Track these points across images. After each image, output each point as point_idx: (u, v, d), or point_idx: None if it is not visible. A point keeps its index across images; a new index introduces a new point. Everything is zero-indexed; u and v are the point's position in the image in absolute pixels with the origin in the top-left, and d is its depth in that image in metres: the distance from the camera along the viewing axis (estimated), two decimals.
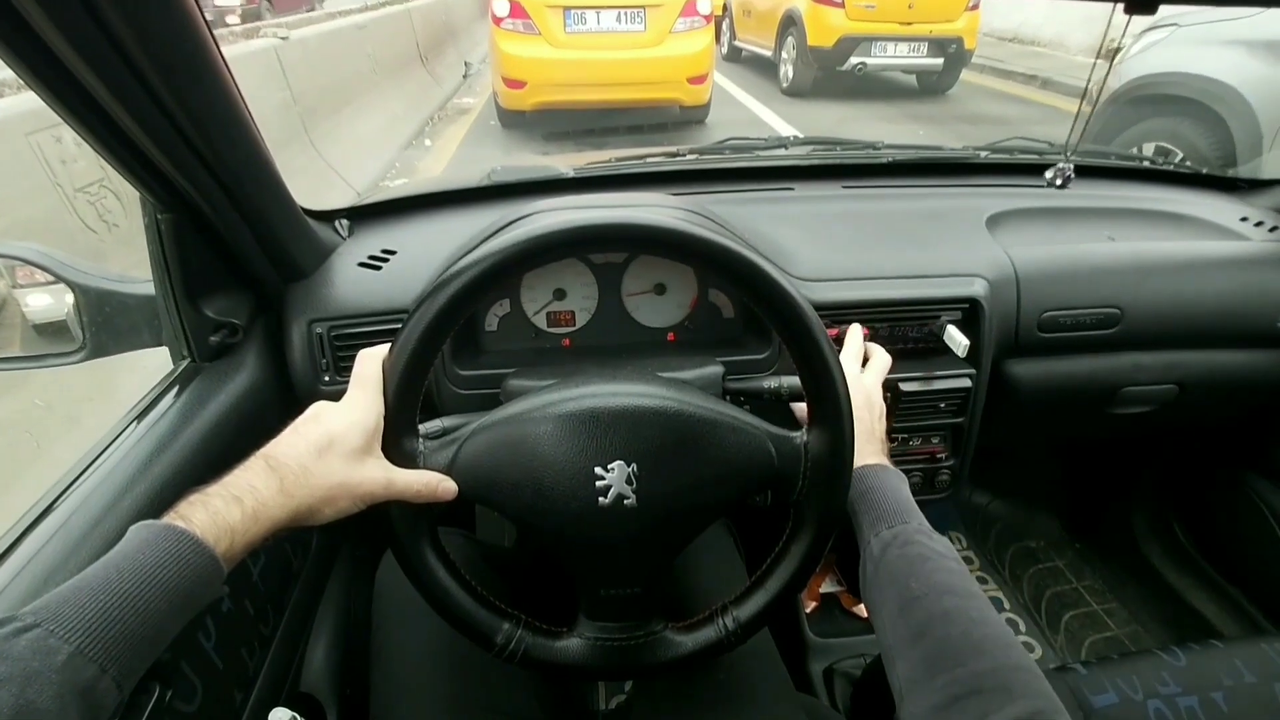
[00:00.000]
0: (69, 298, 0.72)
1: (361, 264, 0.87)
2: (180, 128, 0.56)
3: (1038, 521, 1.62)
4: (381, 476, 0.52)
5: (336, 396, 0.55)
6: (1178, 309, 0.99)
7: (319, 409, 0.54)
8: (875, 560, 0.57)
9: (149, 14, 0.49)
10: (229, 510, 0.44)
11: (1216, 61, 2.66)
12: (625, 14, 4.64)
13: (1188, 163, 2.70)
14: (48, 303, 0.75)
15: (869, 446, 0.65)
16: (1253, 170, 2.43)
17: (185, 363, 0.76)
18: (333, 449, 0.50)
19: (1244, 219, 1.10)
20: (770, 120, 5.59)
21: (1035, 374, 0.99)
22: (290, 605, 0.86)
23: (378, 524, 0.56)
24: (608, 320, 0.90)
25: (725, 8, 8.12)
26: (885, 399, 0.90)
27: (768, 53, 7.04)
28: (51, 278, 0.70)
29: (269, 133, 0.67)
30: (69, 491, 0.57)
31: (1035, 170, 1.16)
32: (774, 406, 0.83)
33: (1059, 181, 0.74)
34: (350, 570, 1.01)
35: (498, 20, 4.61)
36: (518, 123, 5.06)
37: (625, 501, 0.56)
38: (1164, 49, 2.91)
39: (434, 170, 4.43)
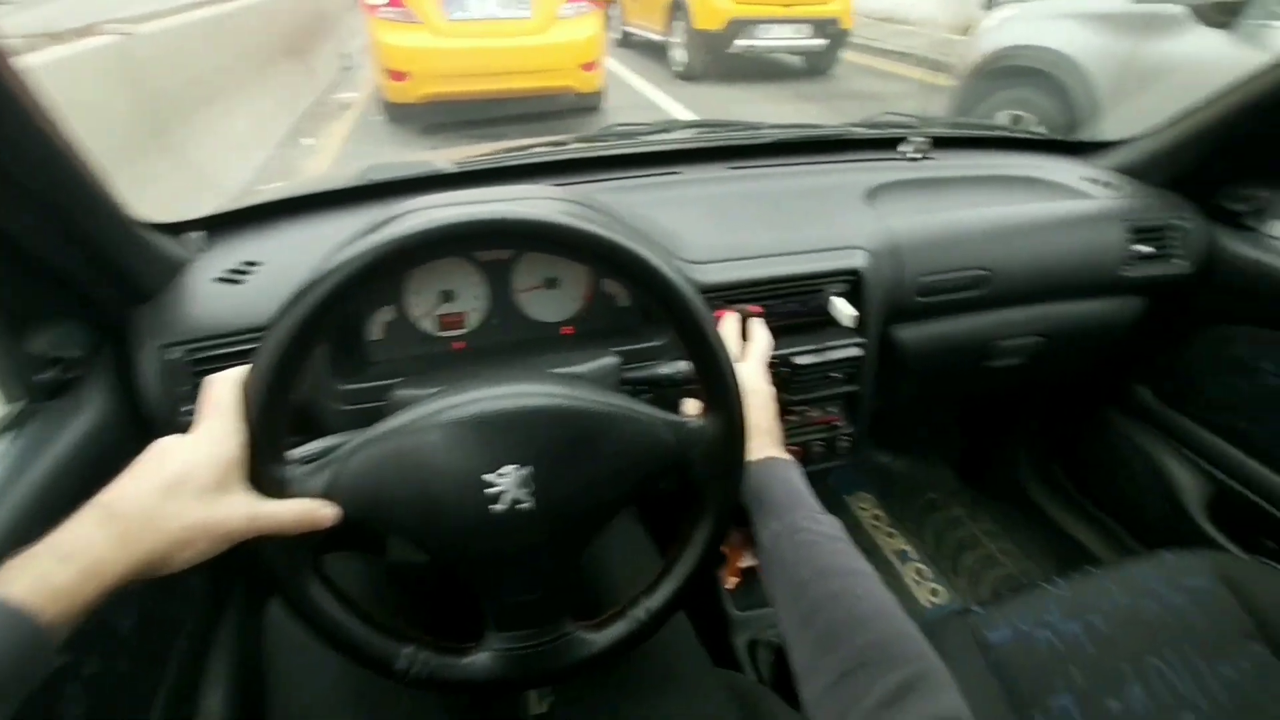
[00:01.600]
0: None
1: (219, 279, 0.80)
2: None
3: (936, 474, 1.73)
4: (244, 511, 0.47)
5: None
6: (1037, 266, 1.06)
7: (164, 445, 0.48)
8: (768, 553, 0.59)
9: None
10: (57, 571, 0.39)
11: (1057, 34, 2.92)
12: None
13: (1040, 128, 2.94)
14: None
15: (757, 439, 0.66)
16: (1094, 133, 2.68)
17: (21, 404, 0.66)
18: (183, 488, 0.45)
19: (1087, 178, 1.20)
20: (665, 104, 5.63)
21: (919, 337, 1.04)
22: (174, 659, 0.79)
23: (256, 563, 0.52)
24: (501, 319, 0.87)
25: None
26: (783, 373, 0.93)
27: (658, 37, 7.07)
28: None
29: (121, 139, 0.60)
30: None
31: (905, 144, 1.22)
32: (674, 393, 0.84)
33: (917, 155, 0.77)
34: (244, 613, 0.93)
35: (372, 9, 4.37)
36: (406, 116, 4.83)
37: (521, 506, 0.54)
38: (1014, 24, 3.15)
39: (318, 169, 4.16)
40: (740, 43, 6.20)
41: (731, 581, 1.18)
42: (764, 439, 0.67)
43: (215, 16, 4.55)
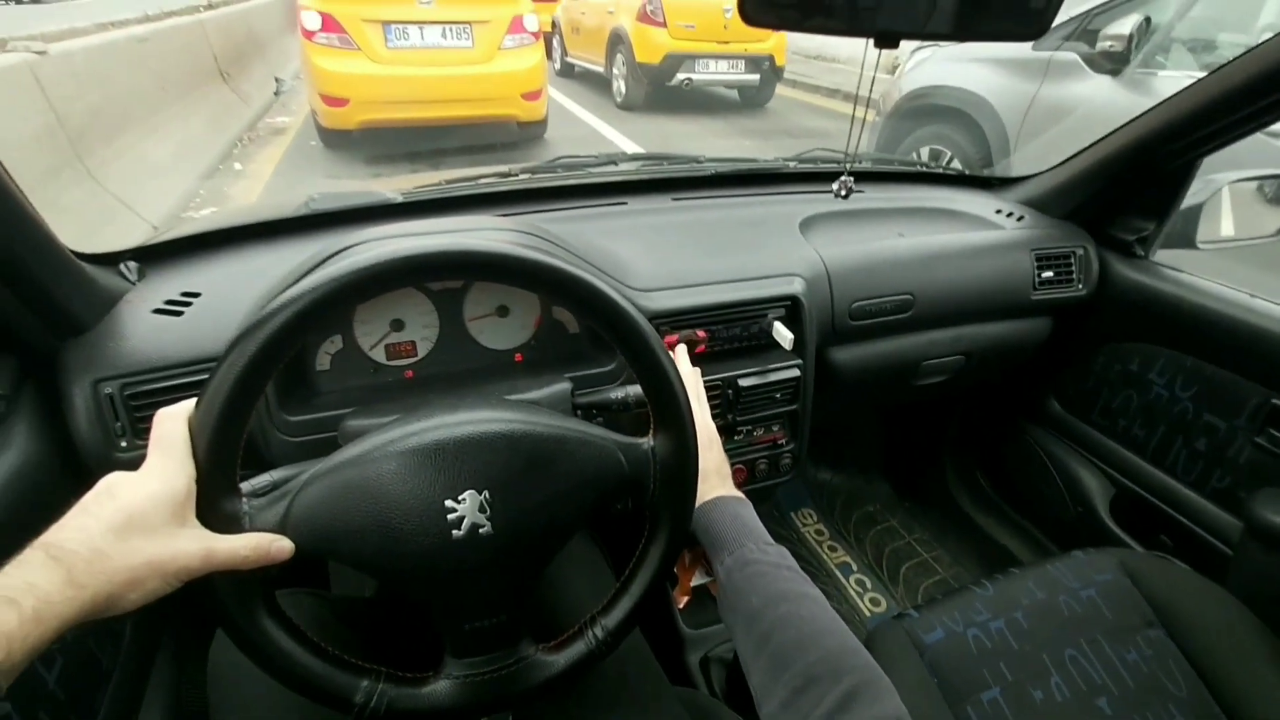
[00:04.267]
0: None
1: (157, 310, 0.78)
2: None
3: (873, 487, 1.81)
4: (197, 548, 0.46)
5: (136, 464, 0.49)
6: (956, 291, 1.15)
7: (113, 481, 0.47)
8: (723, 585, 0.62)
9: None
10: (2, 615, 0.37)
11: (969, 75, 3.16)
12: (450, 29, 4.53)
13: (955, 163, 3.16)
14: None
15: (709, 482, 0.69)
16: (1004, 168, 2.91)
17: None
18: (133, 526, 0.44)
19: (998, 211, 1.31)
20: (609, 134, 5.74)
21: (852, 357, 1.11)
22: (103, 710, 0.74)
23: (205, 600, 0.50)
24: (451, 347, 0.88)
25: (554, 24, 8.22)
26: (729, 395, 0.97)
27: (599, 69, 7.23)
28: None
29: (30, 163, 0.58)
30: None
31: (835, 177, 1.30)
32: (626, 416, 0.86)
33: (843, 193, 0.84)
34: (177, 659, 0.89)
35: (309, 34, 4.29)
36: (342, 143, 4.75)
37: (481, 530, 0.55)
38: (930, 66, 3.40)
39: (248, 197, 4.02)
40: (679, 76, 6.42)
41: (683, 600, 1.20)
42: (713, 479, 0.70)
43: (139, 36, 4.38)
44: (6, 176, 0.58)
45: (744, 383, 0.97)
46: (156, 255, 0.87)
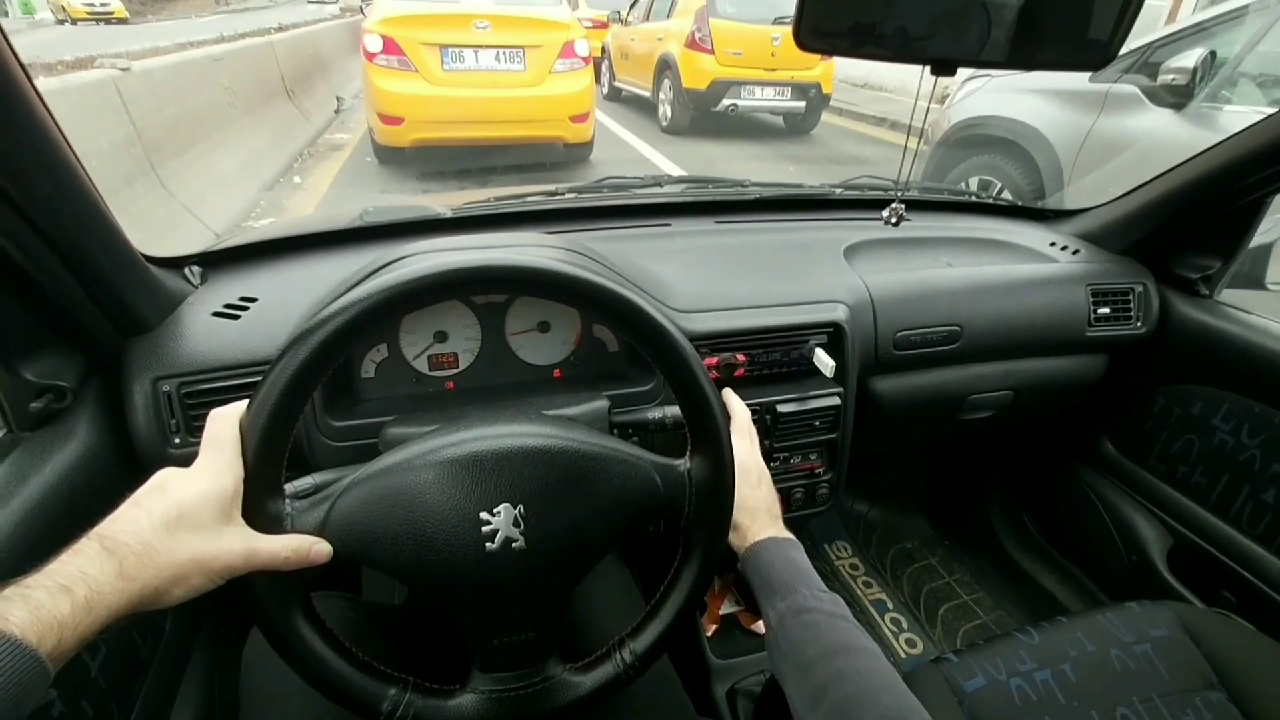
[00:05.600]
0: None
1: (216, 313, 0.81)
2: None
3: (911, 523, 1.75)
4: (241, 547, 0.47)
5: (188, 460, 0.50)
6: (1006, 324, 1.12)
7: (165, 477, 0.48)
8: (775, 632, 0.61)
9: None
10: (55, 602, 0.38)
11: (1022, 106, 3.11)
12: (504, 54, 4.67)
13: (1005, 194, 3.10)
14: None
15: (759, 521, 0.68)
16: (1057, 200, 2.83)
17: (1, 434, 0.66)
18: (183, 522, 0.45)
19: (1052, 244, 1.27)
20: (653, 157, 5.81)
21: (895, 388, 1.08)
22: (140, 700, 0.76)
23: (243, 598, 0.51)
24: (492, 360, 0.89)
25: (604, 50, 8.42)
26: (766, 421, 0.96)
27: (646, 93, 7.35)
28: None
29: (109, 171, 0.62)
30: None
31: (882, 205, 1.28)
32: (661, 436, 0.86)
33: (894, 220, 0.83)
34: (212, 654, 0.91)
35: (370, 56, 4.49)
36: (395, 160, 4.92)
37: (514, 544, 0.55)
38: (982, 96, 3.35)
39: (305, 209, 4.19)
40: (725, 102, 6.48)
41: (711, 629, 1.18)
42: (763, 518, 0.69)
43: (214, 55, 4.65)
44: (89, 182, 0.62)
45: (782, 409, 0.95)
46: (218, 261, 0.90)
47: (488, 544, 0.54)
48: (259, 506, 0.51)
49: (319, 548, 0.51)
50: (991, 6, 0.59)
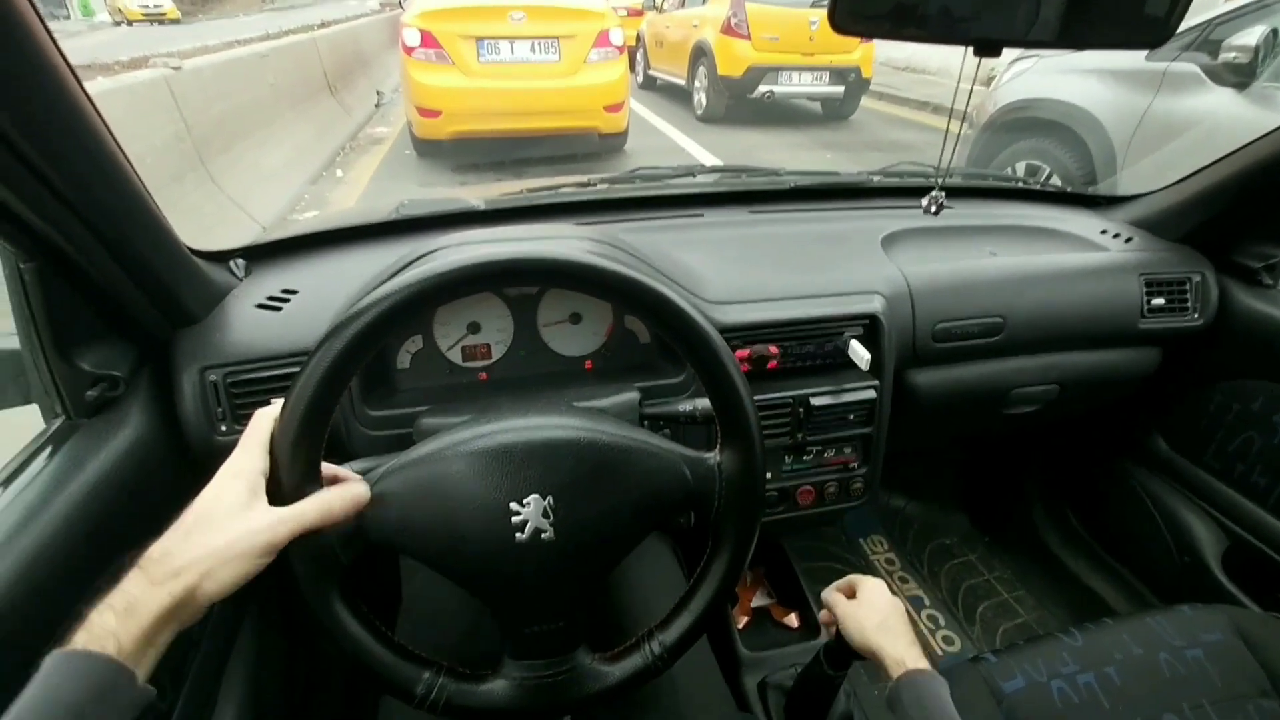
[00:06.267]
0: None
1: (260, 305, 0.83)
2: (39, 172, 0.52)
3: (950, 519, 1.71)
4: (264, 523, 0.49)
5: (232, 447, 0.52)
6: (1052, 316, 1.08)
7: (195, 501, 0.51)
8: None
9: None
10: (101, 617, 0.43)
11: (1073, 87, 2.97)
12: (539, 44, 4.68)
13: (1055, 179, 2.98)
14: None
15: (912, 650, 0.69)
16: (1110, 186, 2.71)
17: (59, 421, 0.70)
18: (198, 525, 0.48)
19: (1103, 231, 1.22)
20: (688, 146, 5.76)
21: (933, 381, 1.05)
22: (190, 675, 0.80)
23: (285, 588, 0.53)
24: (524, 352, 0.90)
25: (638, 38, 8.36)
26: (798, 413, 0.95)
27: (681, 81, 7.28)
28: None
29: (161, 167, 0.64)
30: None
31: (923, 193, 1.25)
32: (691, 429, 0.85)
33: (934, 208, 0.80)
34: (258, 633, 0.94)
35: (409, 50, 4.55)
36: (433, 152, 5.00)
37: (543, 535, 0.55)
38: (1029, 77, 3.22)
39: (347, 202, 4.29)
40: (761, 89, 6.37)
41: (742, 621, 1.17)
42: (916, 650, 0.69)
43: (260, 52, 4.77)
44: (138, 182, 0.64)
45: (816, 402, 0.94)
46: (261, 254, 0.93)
47: (518, 534, 0.55)
48: (298, 493, 0.53)
49: (357, 489, 0.53)
50: None
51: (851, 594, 0.77)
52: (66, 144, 0.55)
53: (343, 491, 0.52)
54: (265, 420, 0.53)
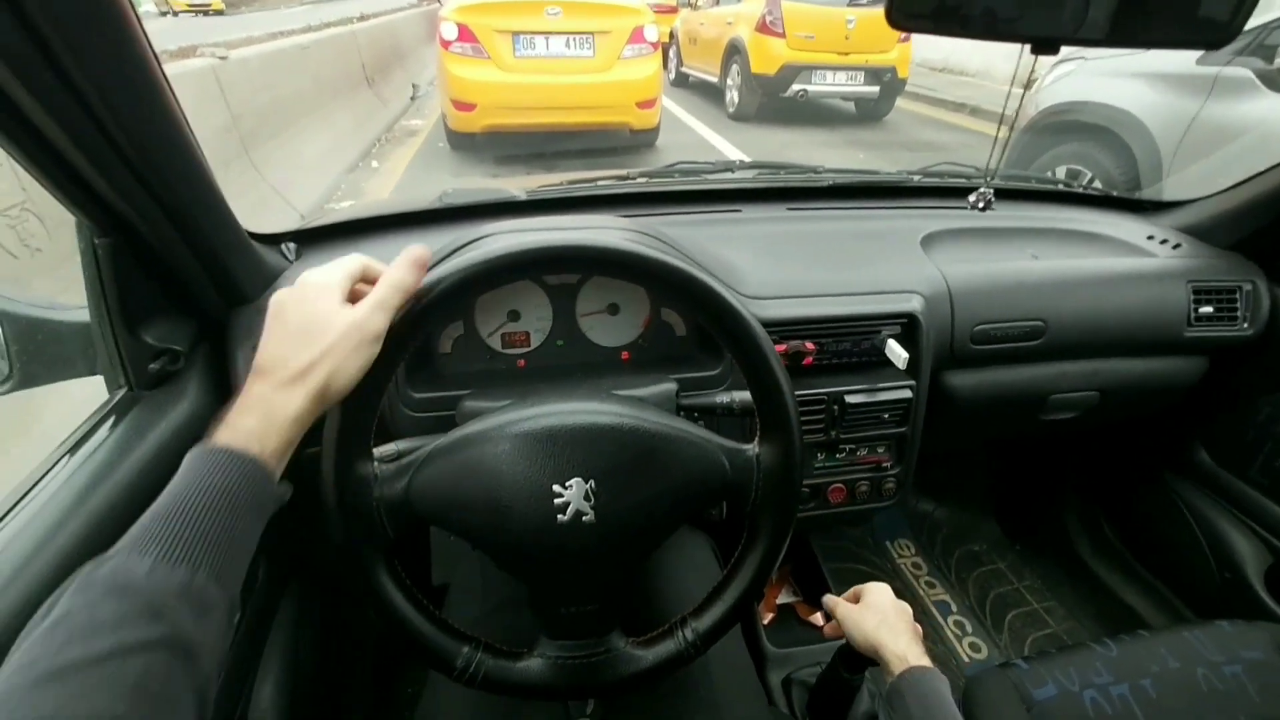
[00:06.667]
0: None
1: None
2: (120, 149, 0.55)
3: (979, 525, 1.69)
4: (367, 306, 0.50)
5: None
6: (1095, 321, 1.06)
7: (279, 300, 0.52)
8: None
9: (87, 32, 0.48)
10: (243, 419, 0.45)
11: (1120, 91, 2.90)
12: (574, 40, 4.71)
13: (1096, 183, 2.91)
14: None
15: (914, 647, 0.70)
16: (1154, 192, 2.64)
17: (122, 392, 0.73)
18: (306, 331, 0.49)
19: (1150, 237, 1.19)
20: (718, 144, 5.74)
21: (971, 384, 1.04)
22: (233, 644, 0.83)
23: (326, 558, 0.55)
24: (562, 341, 0.91)
25: (672, 35, 8.35)
26: (832, 411, 0.95)
27: (714, 79, 7.25)
28: None
29: (209, 155, 0.66)
30: None
31: (963, 193, 1.23)
32: (727, 421, 0.86)
33: (981, 205, 0.79)
34: (298, 605, 0.97)
35: (446, 44, 4.61)
36: (466, 145, 5.05)
37: (584, 518, 0.56)
38: (1074, 80, 3.14)
39: (382, 192, 4.36)
40: (794, 87, 6.32)
41: (767, 617, 1.17)
42: (919, 648, 0.70)
43: (302, 44, 4.87)
44: (206, 165, 0.67)
45: (850, 399, 0.94)
46: (311, 238, 0.96)
47: (559, 516, 0.56)
48: (350, 467, 0.55)
49: (411, 250, 0.53)
50: None
51: (856, 600, 0.78)
52: (149, 125, 0.57)
53: (397, 264, 0.53)
54: (355, 260, 0.55)
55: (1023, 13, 0.54)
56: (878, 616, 0.72)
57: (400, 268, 0.53)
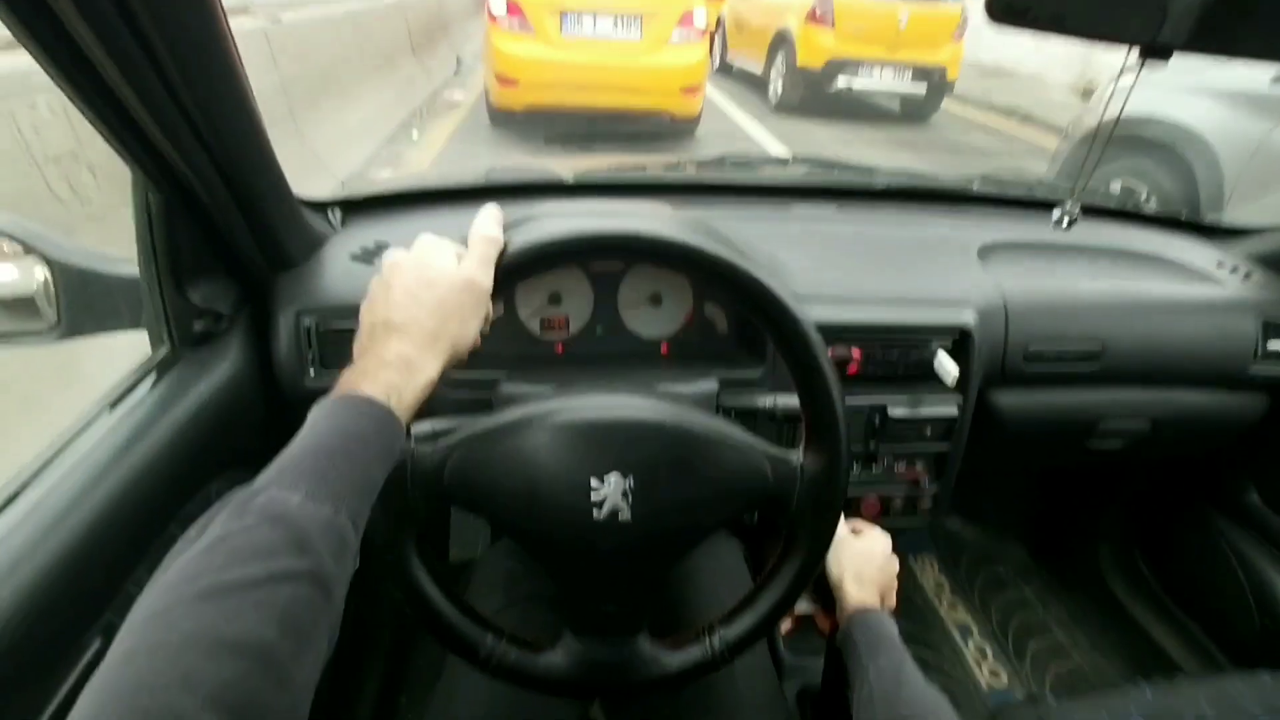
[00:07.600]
0: (39, 273, 0.68)
1: (354, 256, 0.85)
2: (185, 108, 0.54)
3: (1007, 549, 1.65)
4: (471, 264, 0.52)
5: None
6: (1155, 348, 1.01)
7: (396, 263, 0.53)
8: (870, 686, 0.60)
9: None
10: (385, 373, 0.46)
11: (1186, 108, 2.77)
12: (622, 20, 4.66)
13: (1152, 202, 2.80)
14: (14, 277, 0.71)
15: (868, 590, 0.70)
16: (1215, 216, 2.53)
17: (165, 349, 0.73)
18: (423, 293, 0.50)
19: (1220, 264, 1.13)
20: (758, 135, 5.66)
21: (1019, 404, 1.00)
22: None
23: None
24: (601, 328, 0.90)
25: (719, 22, 8.21)
26: (873, 422, 0.92)
27: (758, 69, 7.14)
28: (21, 249, 0.67)
29: None
30: (35, 480, 0.55)
31: (1025, 205, 1.18)
32: (764, 426, 0.83)
33: (1065, 223, 0.76)
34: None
35: (494, 18, 4.59)
36: (507, 121, 5.04)
37: (620, 516, 0.55)
38: (1138, 93, 3.01)
39: (421, 163, 4.37)
40: (840, 82, 6.19)
41: (785, 626, 1.15)
42: (863, 590, 0.70)
43: (349, 13, 4.88)
44: (263, 127, 0.66)
45: (894, 413, 0.91)
46: (356, 207, 0.95)
47: (595, 512, 0.54)
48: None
49: (486, 209, 0.56)
50: None
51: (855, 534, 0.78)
52: (215, 86, 0.56)
53: (484, 220, 0.54)
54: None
55: (1143, 15, 0.50)
56: (856, 565, 0.71)
57: (490, 223, 0.54)
